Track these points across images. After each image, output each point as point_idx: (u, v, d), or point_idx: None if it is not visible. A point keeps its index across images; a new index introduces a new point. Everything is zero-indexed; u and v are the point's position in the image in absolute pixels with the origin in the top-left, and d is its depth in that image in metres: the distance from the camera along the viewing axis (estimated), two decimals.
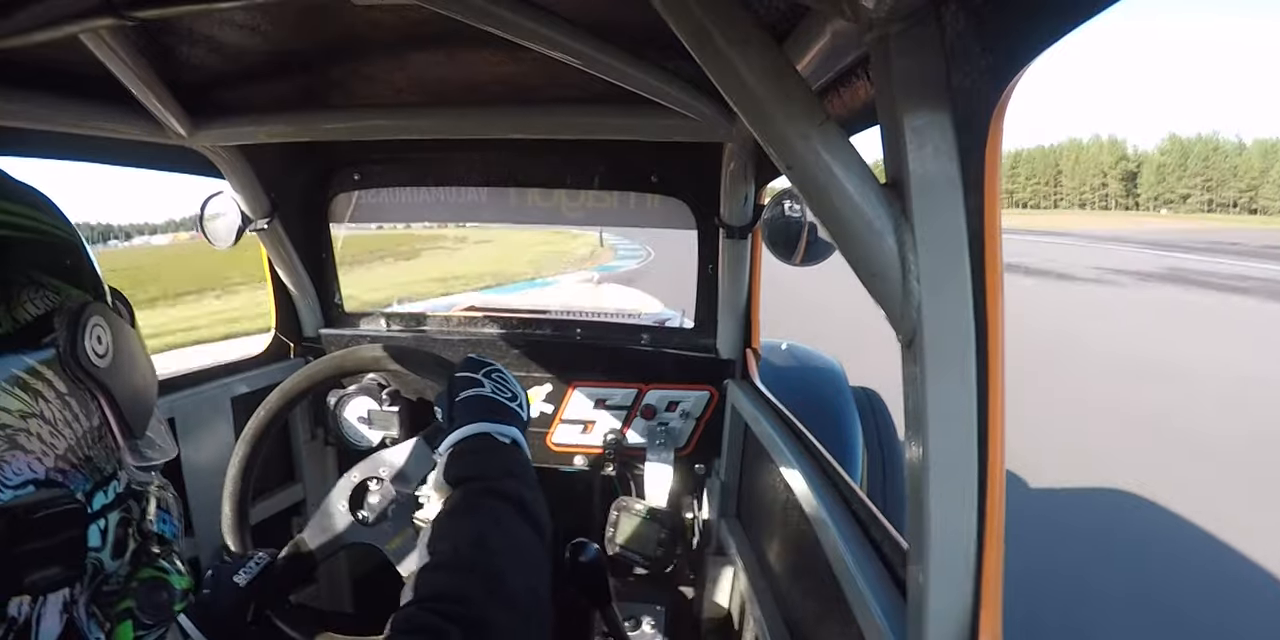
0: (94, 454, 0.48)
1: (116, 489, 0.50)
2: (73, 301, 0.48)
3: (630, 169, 1.60)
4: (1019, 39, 0.45)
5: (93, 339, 0.48)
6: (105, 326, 0.49)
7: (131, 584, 0.51)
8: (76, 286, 0.49)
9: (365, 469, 1.09)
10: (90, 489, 0.47)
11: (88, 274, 0.51)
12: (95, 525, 0.48)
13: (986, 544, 0.55)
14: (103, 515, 0.48)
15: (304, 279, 1.71)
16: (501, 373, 0.91)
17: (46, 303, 0.46)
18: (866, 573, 0.78)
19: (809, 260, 1.24)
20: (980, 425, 0.55)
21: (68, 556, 0.45)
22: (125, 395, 0.50)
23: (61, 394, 0.46)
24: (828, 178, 0.54)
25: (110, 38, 0.88)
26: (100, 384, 0.48)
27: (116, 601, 0.49)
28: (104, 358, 0.48)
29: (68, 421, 0.46)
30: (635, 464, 1.64)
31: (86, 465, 0.47)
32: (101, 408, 0.49)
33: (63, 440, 0.46)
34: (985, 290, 0.53)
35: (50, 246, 0.48)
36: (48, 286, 0.47)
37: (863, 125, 0.78)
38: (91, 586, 0.48)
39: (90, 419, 0.48)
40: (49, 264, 0.48)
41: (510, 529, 0.66)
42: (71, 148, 1.18)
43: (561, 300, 3.89)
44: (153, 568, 0.53)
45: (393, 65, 1.06)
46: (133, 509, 0.52)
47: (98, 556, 0.48)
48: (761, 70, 0.54)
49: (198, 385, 1.48)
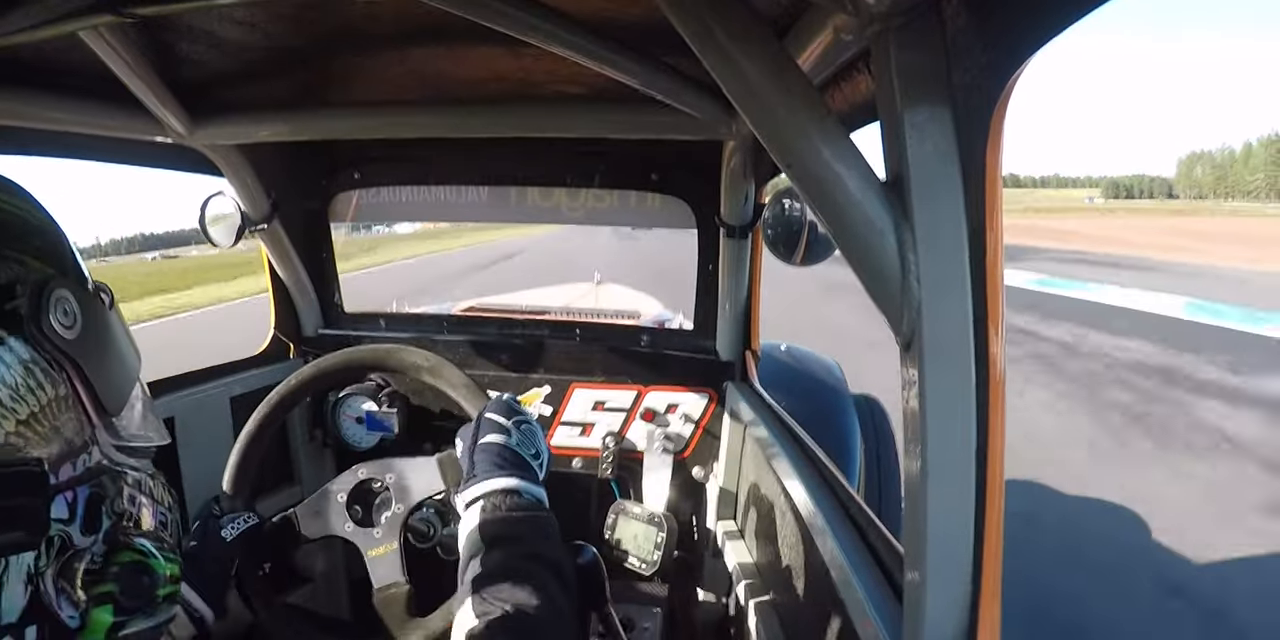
0: (61, 424, 0.48)
1: (87, 463, 0.50)
2: (38, 274, 0.48)
3: (630, 168, 1.59)
4: (1018, 36, 0.44)
5: (58, 312, 0.48)
6: (72, 301, 0.49)
7: (111, 568, 0.50)
8: (46, 264, 0.49)
9: (373, 469, 1.09)
10: (55, 458, 0.47)
11: (60, 257, 0.51)
12: (62, 497, 0.47)
13: (985, 549, 0.55)
14: (70, 488, 0.48)
15: (304, 279, 1.70)
16: (531, 426, 0.90)
17: (8, 274, 0.46)
18: (863, 577, 0.78)
19: (809, 260, 1.23)
20: (979, 428, 0.54)
21: (29, 522, 0.44)
22: (96, 369, 0.51)
23: (24, 360, 0.46)
24: (828, 175, 0.54)
25: (110, 35, 0.88)
26: (66, 355, 0.48)
27: (96, 583, 0.49)
28: (70, 329, 0.49)
29: (30, 388, 0.46)
30: (634, 467, 1.63)
31: (53, 434, 0.47)
32: (70, 379, 0.49)
33: (24, 406, 0.45)
34: (985, 291, 0.52)
35: (20, 226, 0.49)
36: (13, 259, 0.47)
37: (863, 122, 0.78)
38: (60, 560, 0.47)
39: (56, 388, 0.48)
40: (15, 242, 0.48)
41: (553, 596, 0.68)
42: (71, 146, 1.18)
43: (562, 300, 3.89)
44: (132, 550, 0.52)
45: (393, 62, 1.06)
46: (106, 486, 0.52)
47: (65, 529, 0.48)
48: (762, 65, 0.54)
49: (196, 385, 1.48)
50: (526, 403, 1.65)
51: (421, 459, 1.09)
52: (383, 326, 1.78)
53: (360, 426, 1.66)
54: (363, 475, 1.09)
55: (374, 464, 1.10)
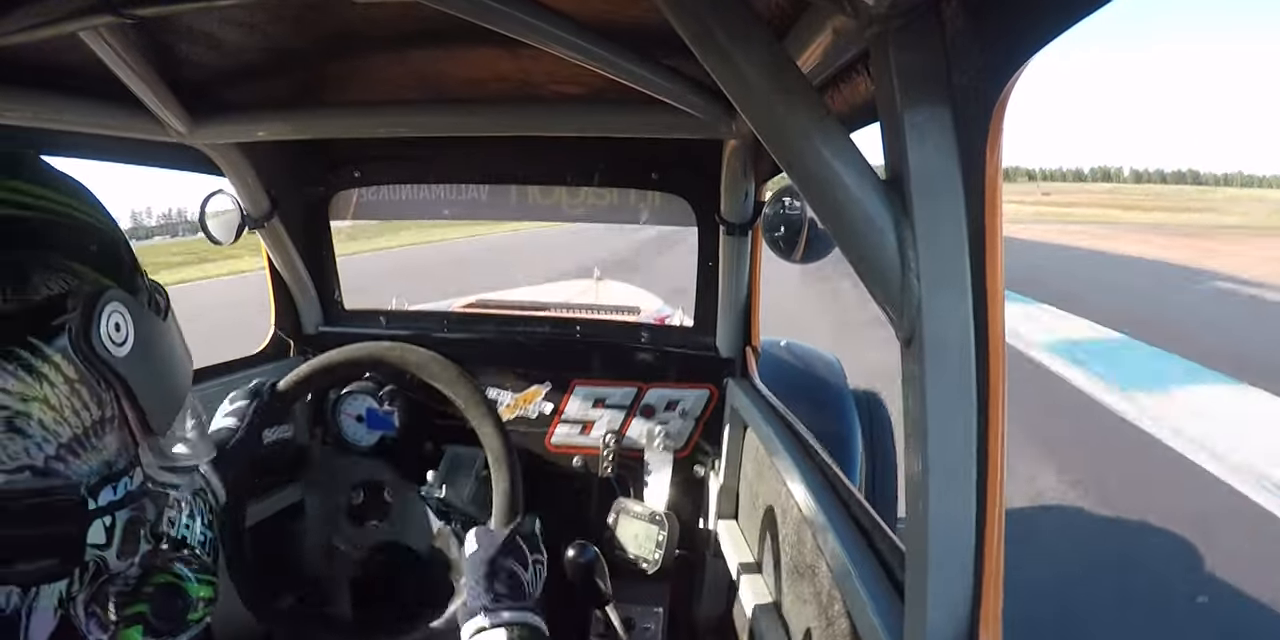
0: (104, 446, 0.46)
1: (128, 486, 0.48)
2: (91, 286, 0.46)
3: (630, 166, 1.59)
4: (1016, 38, 0.45)
5: (109, 326, 0.45)
6: (125, 315, 0.47)
7: (146, 588, 0.48)
8: (101, 273, 0.47)
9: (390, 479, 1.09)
10: (96, 483, 0.45)
11: (117, 263, 0.49)
12: (100, 521, 0.46)
13: (986, 546, 0.55)
14: (109, 512, 0.47)
15: (304, 277, 1.71)
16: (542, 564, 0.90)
17: (61, 285, 0.44)
18: (864, 575, 0.78)
19: (809, 258, 1.23)
20: (980, 425, 0.54)
21: (63, 550, 0.44)
22: (145, 388, 0.48)
23: (70, 380, 0.44)
24: (828, 174, 0.54)
25: (110, 36, 0.88)
26: (116, 373, 0.46)
27: (128, 604, 0.47)
28: (121, 346, 0.46)
29: (75, 409, 0.44)
30: (634, 465, 1.63)
31: (94, 457, 0.45)
32: (117, 398, 0.47)
33: (68, 428, 0.44)
34: (985, 288, 0.53)
35: (75, 230, 0.47)
36: (65, 270, 0.45)
37: (863, 122, 0.78)
38: (94, 585, 0.46)
39: (103, 409, 0.46)
40: (71, 248, 0.46)
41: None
42: (71, 145, 1.18)
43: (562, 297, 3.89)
44: (169, 573, 0.50)
45: (392, 62, 1.06)
46: (147, 509, 0.50)
47: (101, 555, 0.46)
48: (762, 66, 0.54)
49: (197, 383, 1.47)
50: (526, 401, 1.66)
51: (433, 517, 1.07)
52: (383, 324, 1.78)
53: (361, 425, 1.66)
54: (378, 476, 1.09)
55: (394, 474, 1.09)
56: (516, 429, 1.58)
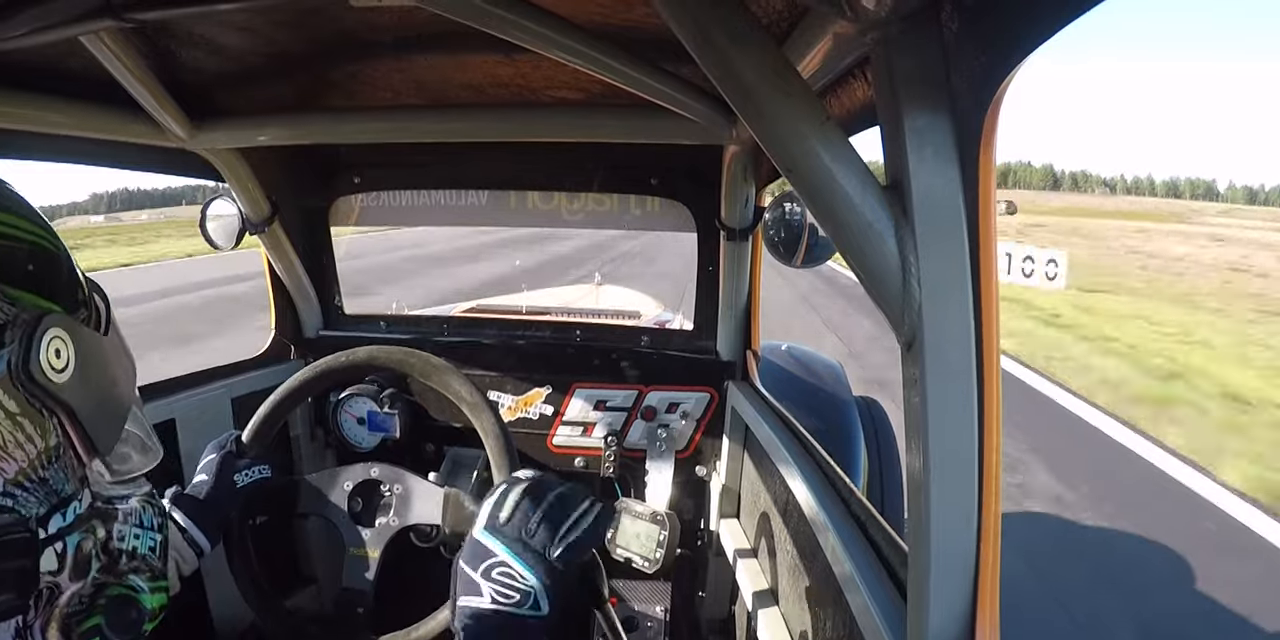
0: (50, 475, 0.45)
1: (77, 510, 0.47)
2: (29, 313, 0.44)
3: (629, 172, 1.60)
4: (1010, 39, 0.45)
5: (49, 353, 0.44)
6: (66, 338, 0.46)
7: (99, 601, 0.48)
8: (39, 295, 0.46)
9: (386, 474, 1.09)
10: (45, 513, 0.44)
11: (55, 280, 0.48)
12: (51, 549, 0.45)
13: (984, 545, 0.56)
14: (60, 538, 0.46)
15: (304, 282, 1.71)
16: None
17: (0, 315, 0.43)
18: (866, 574, 0.78)
19: (809, 263, 1.23)
20: (979, 426, 0.55)
21: (18, 584, 0.43)
22: (88, 410, 0.47)
23: (11, 413, 0.43)
24: (828, 180, 0.54)
25: (110, 40, 0.88)
26: (59, 401, 0.45)
27: (83, 620, 0.47)
28: (63, 372, 0.45)
29: (19, 443, 0.43)
30: (636, 465, 1.63)
31: (41, 488, 0.44)
32: (61, 425, 0.46)
33: (13, 463, 0.43)
34: (981, 292, 0.53)
35: (12, 253, 0.45)
36: (2, 297, 0.44)
37: (861, 127, 0.78)
38: (49, 609, 0.45)
39: (46, 439, 0.45)
40: (8, 273, 0.44)
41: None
42: (71, 151, 1.18)
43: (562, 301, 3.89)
44: (122, 586, 0.50)
45: (392, 67, 1.06)
46: (96, 529, 0.49)
47: (54, 580, 0.46)
48: (762, 71, 0.54)
49: (198, 386, 1.48)
50: (527, 403, 1.66)
51: (431, 485, 1.08)
52: (383, 328, 1.79)
53: (362, 427, 1.67)
54: (375, 474, 1.09)
55: (388, 469, 1.09)
56: (518, 430, 1.58)
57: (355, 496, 1.09)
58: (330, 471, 1.11)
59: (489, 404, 1.05)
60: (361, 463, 1.10)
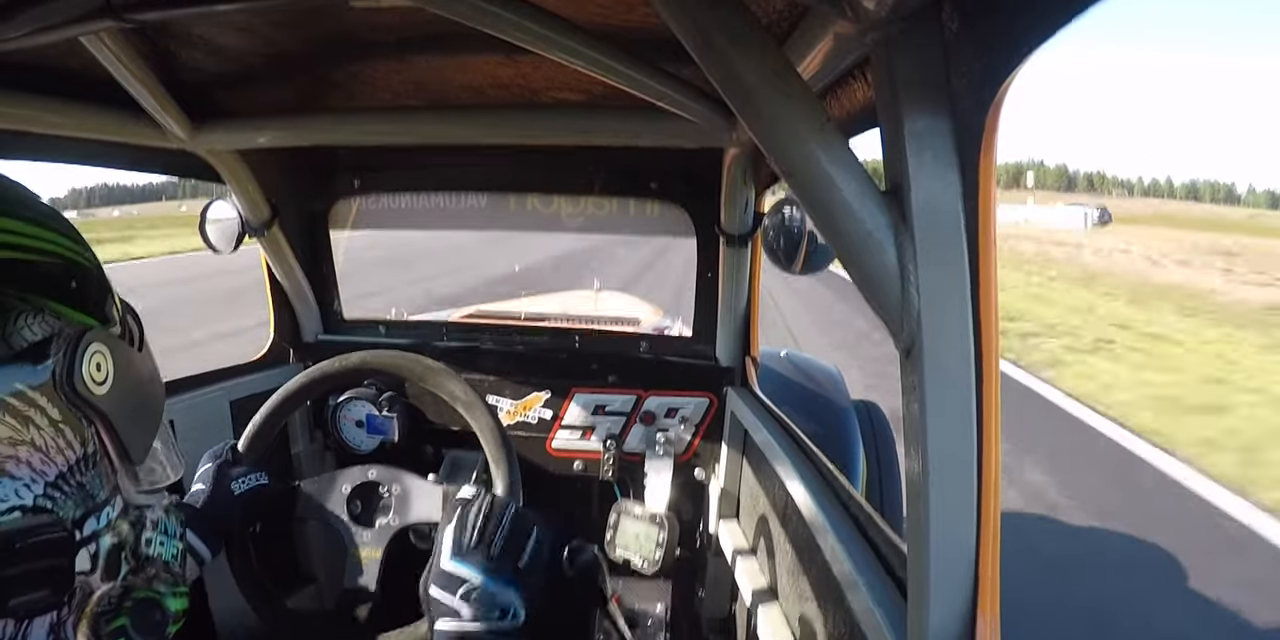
0: (87, 480, 0.48)
1: (110, 515, 0.50)
2: (72, 328, 0.47)
3: (629, 175, 1.60)
4: (1012, 39, 0.44)
5: (90, 365, 0.47)
6: (105, 353, 0.49)
7: (126, 603, 0.51)
8: (80, 310, 0.49)
9: (383, 475, 1.09)
10: (81, 515, 0.47)
11: (94, 296, 0.51)
12: (85, 550, 0.48)
13: (983, 546, 0.56)
14: (94, 540, 0.48)
15: (303, 285, 1.70)
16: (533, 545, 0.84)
17: (45, 328, 0.46)
18: (866, 575, 0.78)
19: (808, 269, 1.23)
20: (978, 432, 0.55)
21: (54, 582, 0.45)
22: (124, 421, 0.50)
23: (55, 421, 0.46)
24: (827, 183, 0.54)
25: (110, 41, 0.88)
26: (98, 411, 0.48)
27: (110, 620, 0.49)
28: (102, 384, 0.48)
29: (60, 449, 0.46)
30: (635, 469, 1.63)
31: (78, 492, 0.47)
32: (99, 434, 0.49)
33: (54, 467, 0.45)
34: (981, 299, 0.53)
35: (58, 269, 0.48)
36: (47, 311, 0.47)
37: (860, 129, 0.78)
38: (80, 608, 0.48)
39: (85, 446, 0.48)
40: (51, 287, 0.47)
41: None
42: (71, 151, 1.18)
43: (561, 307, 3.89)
44: (148, 590, 0.53)
45: (392, 68, 1.06)
46: (126, 533, 0.52)
47: (86, 579, 0.48)
48: (762, 72, 0.54)
49: (197, 389, 1.48)
50: (526, 407, 1.66)
51: (430, 484, 1.08)
52: (382, 333, 1.78)
53: (361, 430, 1.66)
54: (372, 476, 1.09)
55: (385, 470, 1.09)
56: (517, 434, 1.58)
57: (354, 498, 1.09)
58: (328, 475, 1.11)
59: (485, 403, 1.05)
60: (359, 466, 1.10)
